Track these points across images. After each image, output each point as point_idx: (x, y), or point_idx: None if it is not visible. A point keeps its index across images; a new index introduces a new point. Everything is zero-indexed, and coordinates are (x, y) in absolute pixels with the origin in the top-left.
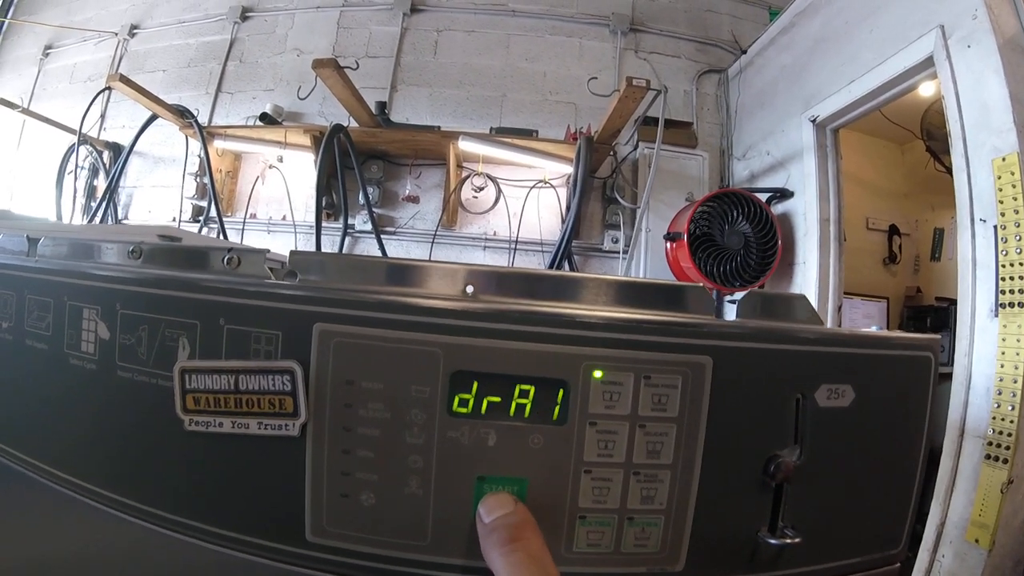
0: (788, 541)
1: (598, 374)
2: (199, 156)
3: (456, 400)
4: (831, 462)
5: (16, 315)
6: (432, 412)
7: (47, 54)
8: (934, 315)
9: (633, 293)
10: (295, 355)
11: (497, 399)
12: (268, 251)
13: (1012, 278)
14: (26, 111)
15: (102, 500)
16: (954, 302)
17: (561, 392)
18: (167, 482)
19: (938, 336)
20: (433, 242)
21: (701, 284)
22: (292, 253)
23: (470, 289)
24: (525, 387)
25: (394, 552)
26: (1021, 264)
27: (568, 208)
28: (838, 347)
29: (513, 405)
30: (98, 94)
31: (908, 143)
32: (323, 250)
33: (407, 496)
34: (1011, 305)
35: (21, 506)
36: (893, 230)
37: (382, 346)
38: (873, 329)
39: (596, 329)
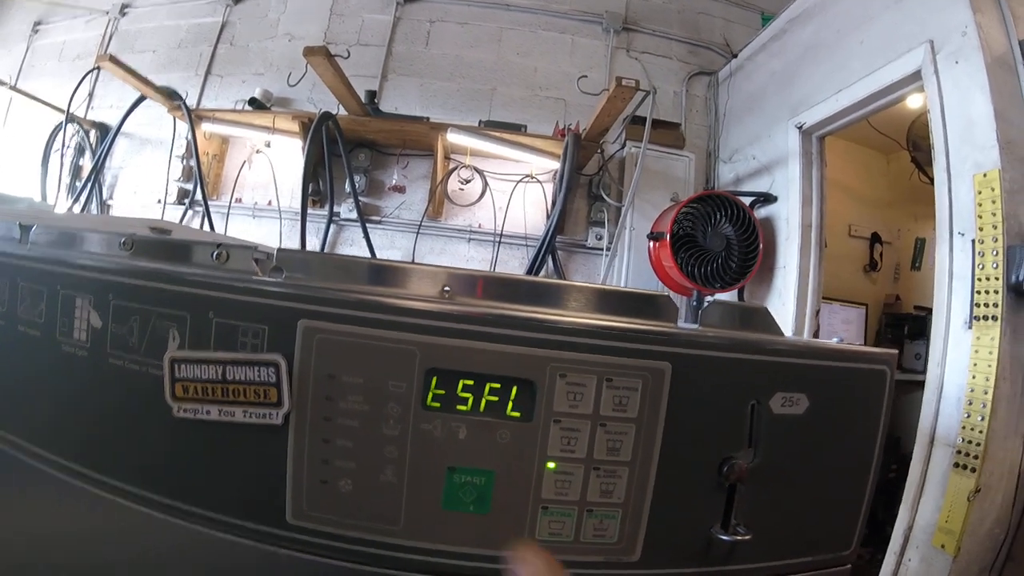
0: (739, 538)
1: (563, 376)
2: (186, 139)
3: (430, 395)
4: (784, 466)
5: (8, 302)
6: (407, 406)
7: (36, 31)
8: (912, 323)
9: (602, 300)
10: (280, 349)
11: (468, 396)
12: (256, 246)
13: (987, 292)
14: (13, 88)
15: (92, 483)
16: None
17: (528, 391)
18: (155, 466)
19: (895, 351)
20: (418, 233)
21: (667, 293)
22: (279, 251)
23: (447, 291)
24: (495, 385)
25: (369, 535)
26: (996, 279)
27: (554, 203)
28: (793, 358)
29: (483, 402)
30: (87, 74)
31: (894, 153)
32: (308, 237)
33: (382, 483)
34: (984, 318)
35: (14, 488)
36: (875, 238)
37: (362, 343)
38: (833, 341)
39: (562, 333)
